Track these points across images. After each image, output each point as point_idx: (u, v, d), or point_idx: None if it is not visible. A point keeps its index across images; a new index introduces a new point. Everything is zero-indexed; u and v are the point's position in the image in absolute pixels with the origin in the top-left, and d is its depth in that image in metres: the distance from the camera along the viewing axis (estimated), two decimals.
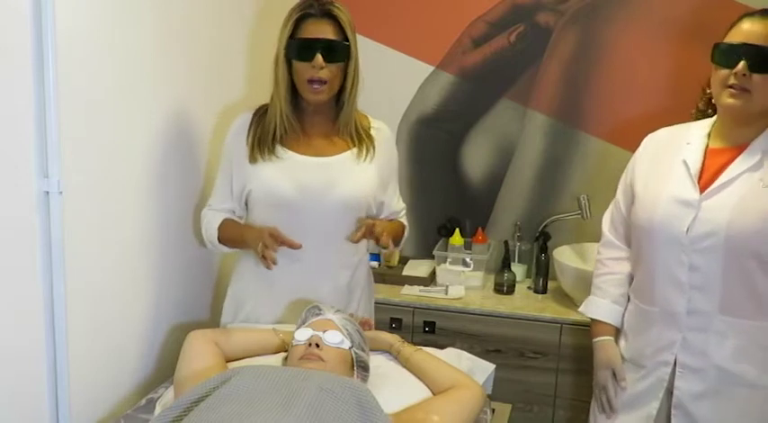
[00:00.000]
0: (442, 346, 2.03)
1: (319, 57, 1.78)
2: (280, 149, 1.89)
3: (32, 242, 1.58)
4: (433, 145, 2.96)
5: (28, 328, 1.60)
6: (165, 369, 2.05)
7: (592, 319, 1.92)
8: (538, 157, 2.87)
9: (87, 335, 1.76)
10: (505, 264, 2.77)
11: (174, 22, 2.02)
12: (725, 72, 1.63)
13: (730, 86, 1.61)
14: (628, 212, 1.86)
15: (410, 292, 2.70)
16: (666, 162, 1.77)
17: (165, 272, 2.08)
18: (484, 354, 2.50)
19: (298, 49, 1.81)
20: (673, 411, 1.74)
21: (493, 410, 1.84)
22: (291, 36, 1.82)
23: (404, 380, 1.74)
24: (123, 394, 1.93)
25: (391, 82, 2.84)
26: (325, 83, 1.81)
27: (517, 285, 2.78)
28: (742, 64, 1.59)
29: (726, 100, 1.63)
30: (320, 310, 1.71)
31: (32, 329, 1.61)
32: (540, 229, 2.84)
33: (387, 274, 2.78)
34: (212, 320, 2.35)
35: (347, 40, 1.83)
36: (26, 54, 1.52)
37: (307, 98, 1.86)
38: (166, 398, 1.77)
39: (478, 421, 1.70)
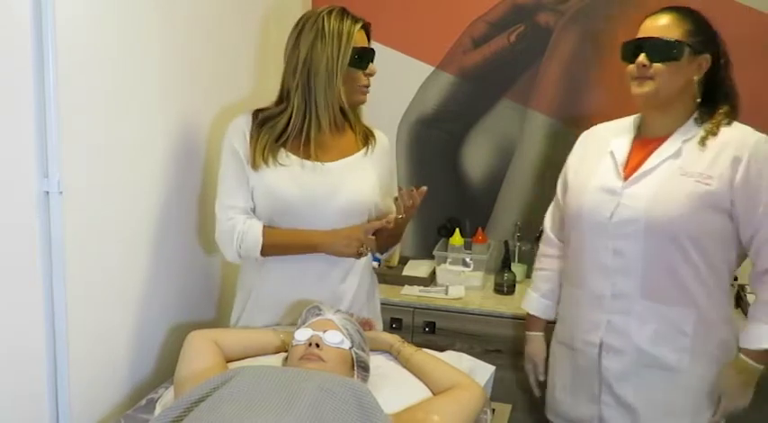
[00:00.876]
0: (441, 348, 2.03)
1: (372, 65, 1.91)
2: (283, 154, 1.89)
3: (32, 242, 1.58)
4: (433, 145, 2.96)
5: (28, 329, 1.60)
6: (165, 369, 2.05)
7: (527, 314, 2.11)
8: (538, 157, 2.87)
9: (87, 335, 1.76)
10: (505, 264, 2.77)
11: (174, 24, 2.01)
12: (631, 67, 1.76)
13: (636, 77, 1.75)
14: (563, 202, 1.97)
15: (410, 292, 2.70)
16: (596, 153, 1.89)
17: (166, 272, 2.08)
18: (484, 354, 2.50)
19: (359, 58, 1.87)
20: (602, 389, 1.84)
21: (493, 410, 1.85)
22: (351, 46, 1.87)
23: (404, 380, 1.74)
24: (123, 394, 1.93)
25: (391, 82, 2.83)
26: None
27: (517, 285, 2.78)
28: (642, 56, 1.73)
29: (635, 90, 1.76)
30: (320, 310, 1.71)
31: (33, 329, 1.61)
32: (540, 229, 2.83)
33: (387, 274, 2.78)
34: (213, 320, 2.35)
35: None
36: (26, 54, 1.52)
37: (358, 100, 1.94)
38: (166, 398, 1.77)
39: (478, 421, 1.70)
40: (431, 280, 2.82)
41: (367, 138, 1.99)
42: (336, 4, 1.90)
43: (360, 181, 1.92)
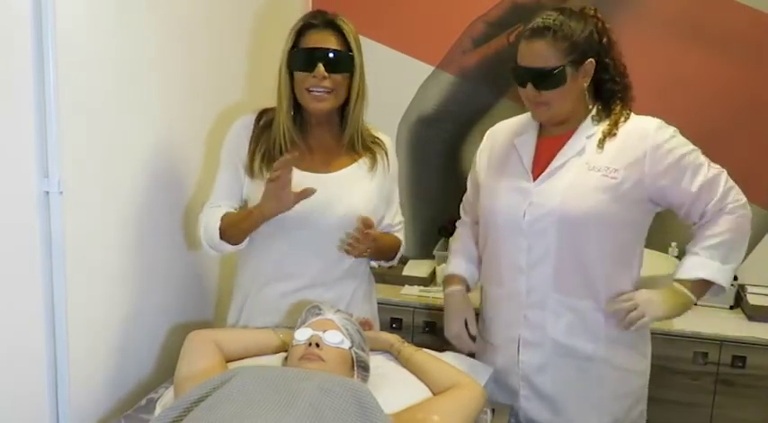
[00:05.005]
0: (441, 348, 2.03)
1: (321, 67, 1.76)
2: None
3: (32, 242, 1.58)
4: (433, 145, 2.96)
5: (28, 328, 1.60)
6: (165, 369, 2.05)
7: (445, 278, 2.06)
8: None
9: (87, 335, 1.76)
10: None
11: (174, 24, 2.02)
12: (524, 91, 1.78)
13: (531, 102, 1.79)
14: (475, 200, 1.99)
15: (410, 292, 2.70)
16: (503, 153, 1.92)
17: (166, 272, 2.08)
18: None
19: (299, 59, 1.79)
20: (520, 383, 1.89)
21: (493, 410, 1.85)
22: (293, 46, 1.81)
23: (404, 380, 1.74)
24: (123, 394, 1.93)
25: (391, 82, 2.83)
26: (329, 92, 1.79)
27: None
28: (530, 86, 1.75)
29: (534, 116, 1.84)
30: (320, 309, 1.71)
31: (33, 329, 1.61)
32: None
33: (387, 274, 2.78)
34: (213, 321, 2.35)
35: (351, 52, 1.80)
36: (26, 54, 1.52)
37: (308, 107, 1.82)
38: (166, 398, 1.77)
39: (478, 421, 1.70)
40: (431, 280, 2.82)
41: (371, 146, 1.93)
42: (332, 7, 1.87)
43: (356, 192, 1.88)
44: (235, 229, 1.84)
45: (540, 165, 1.84)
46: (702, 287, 1.81)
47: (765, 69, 2.61)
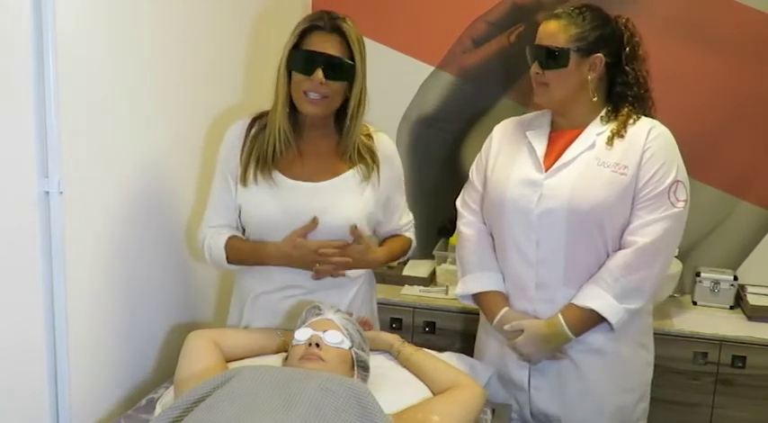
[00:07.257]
0: (441, 348, 2.03)
1: (319, 72, 1.71)
2: (273, 173, 1.83)
3: (32, 242, 1.58)
4: (433, 145, 2.96)
5: (28, 328, 1.60)
6: (165, 369, 2.05)
7: (480, 296, 1.95)
8: None
9: (87, 335, 1.76)
10: None
11: (174, 23, 2.02)
12: (532, 69, 1.83)
13: (535, 82, 1.84)
14: (483, 188, 1.97)
15: (410, 292, 2.70)
16: (514, 146, 1.93)
17: (165, 271, 2.08)
18: None
19: (299, 60, 1.75)
20: (531, 373, 1.90)
21: (493, 410, 1.85)
22: (295, 46, 1.76)
23: (404, 380, 1.74)
24: (123, 394, 1.93)
25: (391, 82, 2.83)
26: (324, 98, 1.76)
27: None
28: (535, 64, 1.82)
29: (535, 98, 1.86)
30: (320, 310, 1.71)
31: (33, 329, 1.61)
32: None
33: (387, 274, 2.78)
34: (213, 321, 2.35)
35: (353, 60, 1.76)
36: (26, 54, 1.52)
37: (302, 109, 1.78)
38: (167, 398, 1.77)
39: (479, 421, 1.70)
40: (431, 280, 2.82)
41: (364, 158, 1.86)
42: (333, 8, 1.86)
43: (349, 201, 1.84)
44: (240, 261, 1.89)
45: (550, 159, 1.85)
46: (591, 317, 1.79)
47: (765, 69, 2.60)
